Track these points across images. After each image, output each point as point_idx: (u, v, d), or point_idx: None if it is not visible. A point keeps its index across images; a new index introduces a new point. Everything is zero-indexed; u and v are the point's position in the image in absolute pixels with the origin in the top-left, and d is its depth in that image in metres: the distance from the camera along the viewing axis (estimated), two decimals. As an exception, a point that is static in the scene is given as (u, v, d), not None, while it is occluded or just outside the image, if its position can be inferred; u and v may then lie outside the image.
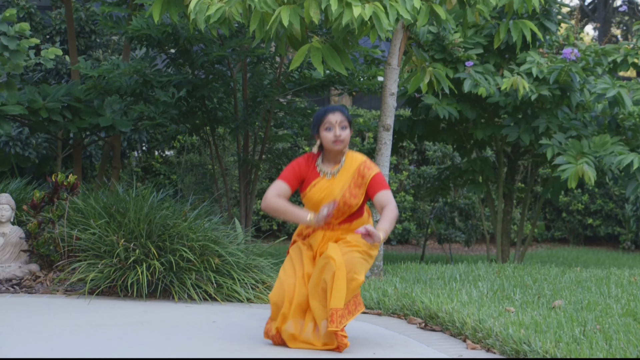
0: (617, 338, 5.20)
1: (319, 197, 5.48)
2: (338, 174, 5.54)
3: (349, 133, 5.48)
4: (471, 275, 8.20)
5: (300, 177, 5.57)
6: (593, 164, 9.15)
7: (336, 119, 5.43)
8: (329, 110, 5.50)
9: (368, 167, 5.54)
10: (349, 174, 5.52)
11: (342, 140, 5.44)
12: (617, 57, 10.23)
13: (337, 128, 5.42)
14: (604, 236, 19.65)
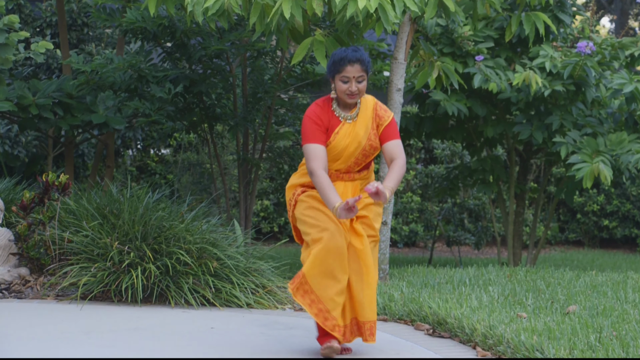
0: (634, 345, 5.21)
1: (345, 143, 5.35)
2: (358, 117, 5.41)
3: (365, 85, 5.32)
4: (481, 279, 8.21)
5: (324, 129, 5.35)
6: (609, 163, 9.15)
7: (354, 73, 5.24)
8: (348, 59, 5.24)
9: (383, 109, 5.50)
10: (368, 114, 5.43)
11: (357, 94, 5.30)
12: (634, 50, 10.23)
13: (354, 82, 5.26)
14: (621, 238, 19.65)
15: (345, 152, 5.33)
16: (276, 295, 7.77)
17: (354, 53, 5.25)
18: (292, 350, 5.75)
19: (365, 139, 5.36)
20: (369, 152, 5.40)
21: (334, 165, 5.40)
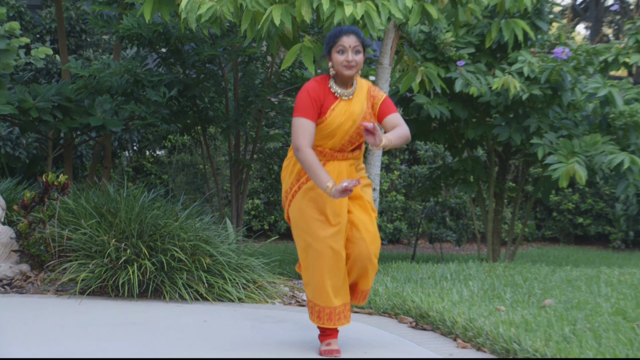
0: (606, 337, 5.22)
1: (340, 120, 5.17)
2: (354, 95, 5.25)
3: (362, 58, 5.17)
4: (462, 274, 8.22)
5: (318, 106, 5.16)
6: (584, 164, 9.18)
7: (350, 43, 5.10)
8: (343, 31, 5.12)
9: (377, 90, 5.40)
10: (363, 94, 5.29)
11: (354, 65, 5.12)
12: (608, 56, 10.26)
13: (350, 52, 5.10)
14: (595, 235, 19.70)
15: (340, 130, 5.18)
16: (266, 290, 7.77)
17: (349, 26, 5.19)
18: (282, 342, 5.76)
19: (361, 117, 5.20)
20: (362, 131, 5.14)
21: (329, 143, 5.24)
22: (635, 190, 9.60)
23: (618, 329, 5.49)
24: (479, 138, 10.75)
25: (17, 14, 15.08)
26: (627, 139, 9.87)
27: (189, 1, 7.23)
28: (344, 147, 5.27)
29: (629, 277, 8.41)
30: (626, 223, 19.03)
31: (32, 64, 13.87)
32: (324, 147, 5.24)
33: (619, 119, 9.82)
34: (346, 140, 5.23)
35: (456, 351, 5.54)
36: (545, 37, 10.74)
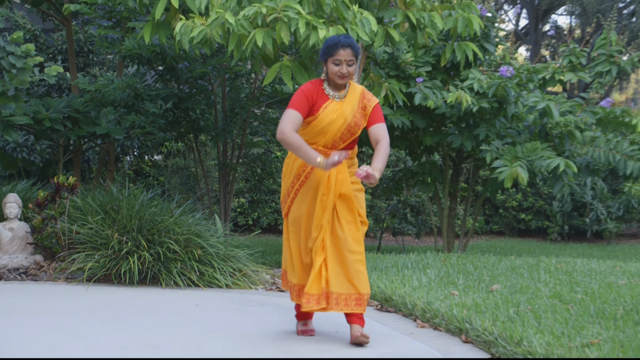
0: (545, 317, 5.23)
1: (331, 117, 5.03)
2: (346, 97, 5.10)
3: (355, 67, 5.05)
4: (421, 263, 8.22)
5: (310, 104, 5.04)
6: (526, 167, 9.20)
7: (345, 57, 4.96)
8: (341, 44, 4.96)
9: (369, 96, 5.20)
10: (356, 97, 5.12)
11: (347, 76, 5.00)
12: (546, 74, 10.30)
13: (344, 65, 4.97)
14: (535, 229, 19.78)
15: (332, 127, 5.03)
16: (250, 278, 7.75)
17: (346, 39, 5.03)
18: (265, 322, 5.74)
19: (351, 117, 5.06)
20: (353, 129, 5.08)
21: (322, 140, 5.08)
22: (570, 190, 9.64)
23: (555, 310, 5.50)
24: (436, 145, 10.77)
25: (32, 37, 15.04)
26: (563, 145, 9.90)
27: (183, 25, 7.21)
28: (336, 143, 5.10)
29: (564, 265, 8.44)
30: (562, 218, 19.12)
31: (45, 80, 13.82)
32: (318, 144, 5.09)
33: (556, 129, 9.85)
34: (338, 137, 5.07)
35: (416, 330, 5.53)
36: (492, 57, 10.76)
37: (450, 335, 5.34)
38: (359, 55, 5.06)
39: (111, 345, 5.01)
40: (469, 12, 8.41)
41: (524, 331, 4.78)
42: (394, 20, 8.01)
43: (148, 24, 8.02)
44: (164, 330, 5.50)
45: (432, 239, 17.02)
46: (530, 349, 4.48)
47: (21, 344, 5.02)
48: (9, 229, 8.14)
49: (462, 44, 9.05)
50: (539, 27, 30.77)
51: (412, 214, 17.40)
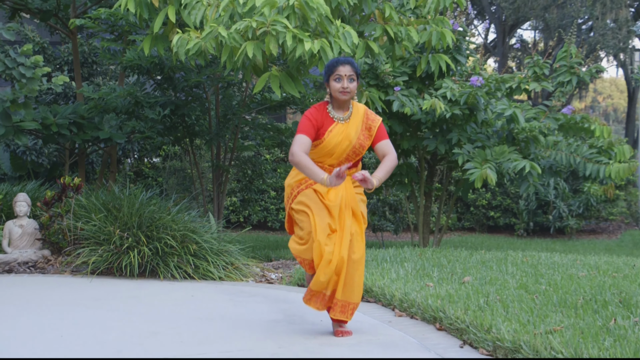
0: (512, 306, 5.24)
1: (337, 140, 4.91)
2: (350, 119, 4.99)
3: (356, 85, 4.92)
4: (399, 257, 8.22)
5: (316, 128, 4.91)
6: (494, 169, 9.21)
7: (345, 72, 4.87)
8: (340, 61, 4.90)
9: (373, 116, 5.10)
10: (359, 119, 5.01)
11: (348, 92, 4.88)
12: (512, 84, 10.31)
13: (346, 80, 4.86)
14: (503, 225, 19.84)
15: (338, 149, 4.92)
16: (242, 271, 7.75)
17: (345, 58, 4.96)
18: (255, 311, 5.73)
19: (356, 138, 4.96)
20: (358, 150, 4.99)
21: (328, 160, 4.98)
22: (534, 190, 9.66)
23: (521, 300, 5.51)
24: (412, 148, 10.76)
25: (41, 49, 15.02)
26: (528, 149, 9.92)
27: (179, 38, 7.19)
28: (342, 163, 4.98)
29: (529, 258, 8.45)
30: (527, 216, 19.19)
31: (52, 89, 13.75)
32: (324, 163, 4.99)
33: (521, 134, 9.87)
34: (343, 157, 4.98)
35: (394, 319, 5.53)
36: (463, 68, 10.77)
37: (425, 323, 5.35)
38: (359, 73, 4.96)
39: (113, 332, 5.00)
40: (442, 26, 8.41)
41: (493, 319, 4.78)
42: (374, 34, 8.01)
43: (147, 37, 8.01)
44: (162, 318, 5.49)
45: (409, 235, 17.03)
46: (498, 335, 4.48)
47: (31, 331, 5.01)
48: (19, 226, 8.14)
49: (436, 56, 9.06)
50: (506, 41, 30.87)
51: (390, 211, 17.40)
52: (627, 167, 9.52)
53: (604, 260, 8.48)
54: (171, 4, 7.58)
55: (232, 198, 17.79)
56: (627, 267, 7.78)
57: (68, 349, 4.55)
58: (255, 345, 4.67)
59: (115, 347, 4.59)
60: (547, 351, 4.14)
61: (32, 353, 4.44)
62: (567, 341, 4.20)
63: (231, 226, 15.83)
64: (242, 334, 4.99)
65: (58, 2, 10.91)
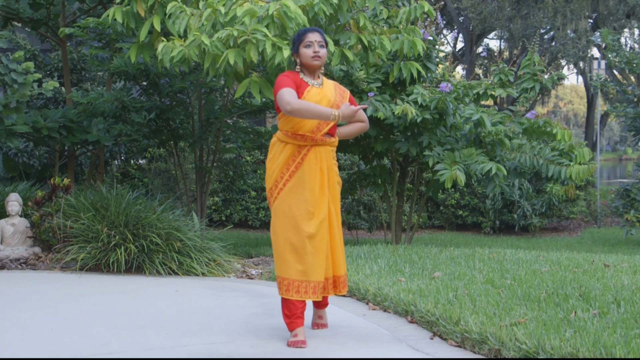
0: (480, 300, 5.26)
1: (316, 100, 4.58)
2: (322, 85, 4.69)
3: (325, 52, 4.66)
4: (372, 254, 8.24)
5: (296, 86, 4.58)
6: (463, 170, 9.24)
7: (315, 38, 4.61)
8: (309, 30, 4.65)
9: (342, 87, 4.85)
10: (331, 85, 4.74)
11: (320, 57, 4.62)
12: (479, 90, 10.36)
13: (316, 45, 4.60)
14: (471, 224, 19.91)
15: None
16: (224, 267, 7.73)
17: (314, 27, 4.81)
18: (236, 305, 5.72)
19: (334, 97, 4.67)
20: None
21: (308, 125, 4.57)
22: (500, 190, 9.70)
23: (488, 294, 5.53)
24: (385, 151, 10.78)
25: (32, 56, 14.94)
26: (494, 151, 9.96)
27: (164, 46, 7.17)
28: (320, 127, 4.61)
29: (496, 255, 8.49)
30: (494, 214, 19.27)
31: (43, 94, 13.68)
32: (303, 129, 4.58)
33: (488, 137, 9.91)
34: (323, 122, 4.60)
35: (368, 312, 5.54)
36: (433, 75, 10.79)
37: (398, 316, 5.36)
38: (327, 42, 4.77)
39: (102, 325, 4.97)
40: (414, 35, 8.43)
41: (461, 312, 4.80)
42: (349, 42, 8.02)
43: (134, 45, 7.98)
44: (148, 312, 5.47)
45: (382, 233, 17.06)
46: (466, 327, 4.50)
47: (23, 324, 4.97)
48: (11, 224, 8.11)
49: (408, 63, 9.07)
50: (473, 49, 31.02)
51: (364, 211, 17.43)
52: (587, 169, 9.59)
53: (565, 257, 8.54)
54: (156, 14, 7.56)
55: (214, 198, 17.75)
56: (586, 262, 7.83)
57: (58, 341, 4.52)
58: (236, 337, 4.66)
59: (103, 339, 4.57)
60: (512, 342, 4.16)
61: (24, 345, 4.41)
62: (531, 332, 4.23)
63: (213, 224, 15.78)
64: (224, 326, 4.98)
65: (48, 11, 10.85)
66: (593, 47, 27.94)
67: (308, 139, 4.61)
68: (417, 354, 4.37)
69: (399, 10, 8.45)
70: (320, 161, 4.64)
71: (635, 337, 4.09)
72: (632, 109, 14.28)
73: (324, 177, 4.65)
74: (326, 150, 4.68)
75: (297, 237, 4.55)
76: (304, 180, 4.60)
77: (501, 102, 25.97)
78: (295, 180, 4.61)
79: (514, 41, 27.48)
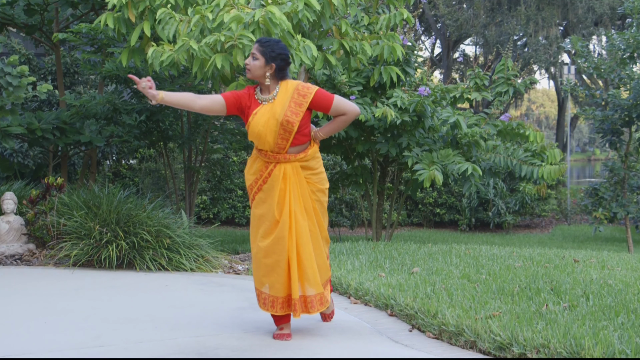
0: (456, 294, 5.27)
1: (264, 119, 4.32)
2: (276, 97, 4.37)
3: (259, 64, 4.33)
4: (354, 250, 8.24)
5: (238, 103, 4.41)
6: (440, 170, 9.27)
7: (253, 50, 4.37)
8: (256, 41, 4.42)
9: (306, 86, 4.41)
10: (287, 94, 4.36)
11: (249, 69, 4.37)
12: (456, 93, 10.39)
13: (250, 58, 4.37)
14: (448, 221, 19.97)
15: (267, 129, 4.31)
16: (211, 263, 7.71)
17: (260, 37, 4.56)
18: (223, 300, 5.71)
19: (282, 115, 4.29)
20: (286, 127, 4.30)
21: (266, 144, 4.37)
22: (476, 189, 9.73)
23: (464, 288, 5.55)
24: (366, 151, 10.79)
25: (26, 60, 14.87)
26: (470, 152, 10.00)
27: (154, 51, 7.14)
28: (280, 145, 4.37)
29: (471, 251, 8.52)
30: (469, 212, 19.34)
31: (37, 96, 13.63)
32: (265, 148, 4.40)
33: (464, 138, 9.94)
34: (278, 137, 4.34)
35: (350, 306, 5.54)
36: (412, 79, 10.82)
37: (378, 310, 5.36)
38: (268, 56, 4.35)
39: (93, 319, 4.95)
40: (393, 41, 8.44)
41: (439, 306, 4.81)
42: (331, 47, 8.02)
43: (125, 49, 7.95)
44: (138, 306, 5.45)
45: (364, 230, 17.08)
46: (443, 320, 4.51)
47: (18, 318, 4.95)
48: (6, 222, 8.06)
49: (388, 68, 9.09)
50: (450, 55, 31.10)
51: (346, 209, 17.45)
52: (558, 169, 9.64)
53: (537, 252, 8.58)
54: (146, 20, 7.54)
55: (202, 197, 17.71)
56: (557, 258, 7.87)
57: (52, 334, 4.50)
58: (223, 330, 4.65)
59: (95, 332, 4.55)
60: (487, 334, 4.18)
61: (19, 338, 4.38)
62: (505, 325, 4.24)
63: (202, 222, 15.74)
64: (212, 320, 4.97)
65: (42, 17, 10.79)
66: (563, 53, 28.09)
67: (271, 156, 4.41)
68: (397, 345, 4.37)
69: (379, 17, 8.45)
70: (286, 177, 4.39)
71: (603, 329, 4.12)
72: (600, 112, 14.37)
73: (287, 194, 4.39)
74: (293, 167, 4.41)
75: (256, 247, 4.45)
76: (268, 195, 4.41)
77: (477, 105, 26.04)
78: (261, 193, 4.44)
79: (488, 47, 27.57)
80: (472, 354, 4.17)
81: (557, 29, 27.43)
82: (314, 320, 4.94)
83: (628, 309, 4.72)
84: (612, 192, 14.93)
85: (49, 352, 4.08)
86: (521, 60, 27.01)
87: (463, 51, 35.73)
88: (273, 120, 4.33)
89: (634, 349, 3.68)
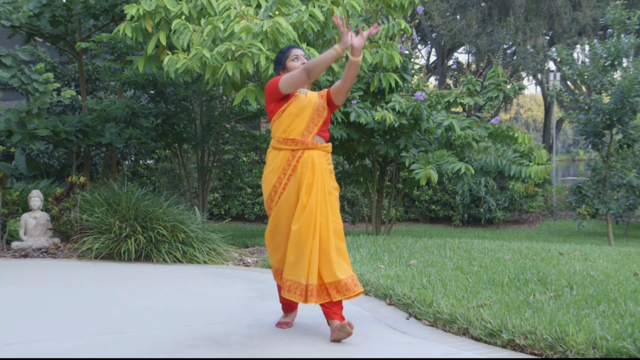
0: (450, 285, 5.27)
1: (302, 104, 4.28)
2: (307, 93, 4.38)
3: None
4: (355, 244, 8.24)
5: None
6: (436, 169, 9.26)
7: (299, 52, 4.42)
8: (292, 46, 4.45)
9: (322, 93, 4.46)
10: (315, 94, 4.42)
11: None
12: (450, 98, 10.37)
13: (302, 58, 4.40)
14: (442, 217, 19.93)
15: (305, 112, 4.25)
16: (223, 256, 7.71)
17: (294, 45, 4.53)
18: (234, 290, 5.71)
19: (317, 102, 4.33)
20: (321, 112, 4.32)
21: (297, 128, 4.27)
22: (469, 187, 9.72)
23: (457, 279, 5.54)
24: (367, 152, 10.78)
25: (51, 67, 14.88)
26: (463, 153, 9.98)
27: (169, 59, 7.15)
28: (310, 128, 4.29)
29: (464, 244, 8.51)
30: (463, 209, 19.30)
31: (61, 101, 13.65)
32: (294, 133, 4.27)
33: (458, 140, 9.92)
34: (310, 120, 4.29)
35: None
36: (409, 85, 10.80)
37: (378, 299, 5.36)
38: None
39: (113, 307, 4.95)
40: (392, 50, 8.43)
41: (434, 295, 4.81)
42: (334, 56, 8.01)
43: (142, 57, 7.96)
44: (155, 296, 5.45)
45: (364, 225, 17.07)
46: (438, 309, 4.50)
47: (43, 307, 4.95)
48: (33, 218, 8.10)
49: (387, 74, 9.07)
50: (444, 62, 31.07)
51: (348, 205, 17.44)
52: (544, 169, 9.63)
53: (525, 246, 8.57)
54: (162, 30, 7.54)
55: (214, 194, 17.71)
56: (544, 251, 7.86)
57: (75, 320, 4.50)
58: (234, 318, 4.65)
59: (115, 320, 4.56)
60: (478, 322, 4.18)
61: (43, 326, 4.39)
62: (495, 313, 4.24)
63: (214, 218, 15.75)
64: (223, 308, 4.97)
65: (66, 28, 10.80)
66: (549, 61, 28.04)
67: (299, 143, 4.25)
68: (395, 332, 4.37)
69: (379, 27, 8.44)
70: (314, 164, 4.24)
71: (586, 317, 4.11)
72: (583, 115, 14.36)
73: (317, 180, 4.23)
74: (319, 155, 4.29)
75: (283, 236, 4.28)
76: (299, 181, 4.23)
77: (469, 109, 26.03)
78: (292, 183, 4.24)
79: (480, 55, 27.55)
80: (465, 340, 4.17)
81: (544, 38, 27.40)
82: (318, 310, 4.94)
83: (609, 298, 4.72)
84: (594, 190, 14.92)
85: (72, 337, 4.09)
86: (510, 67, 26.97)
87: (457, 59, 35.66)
88: (310, 105, 4.31)
89: (613, 335, 3.67)
